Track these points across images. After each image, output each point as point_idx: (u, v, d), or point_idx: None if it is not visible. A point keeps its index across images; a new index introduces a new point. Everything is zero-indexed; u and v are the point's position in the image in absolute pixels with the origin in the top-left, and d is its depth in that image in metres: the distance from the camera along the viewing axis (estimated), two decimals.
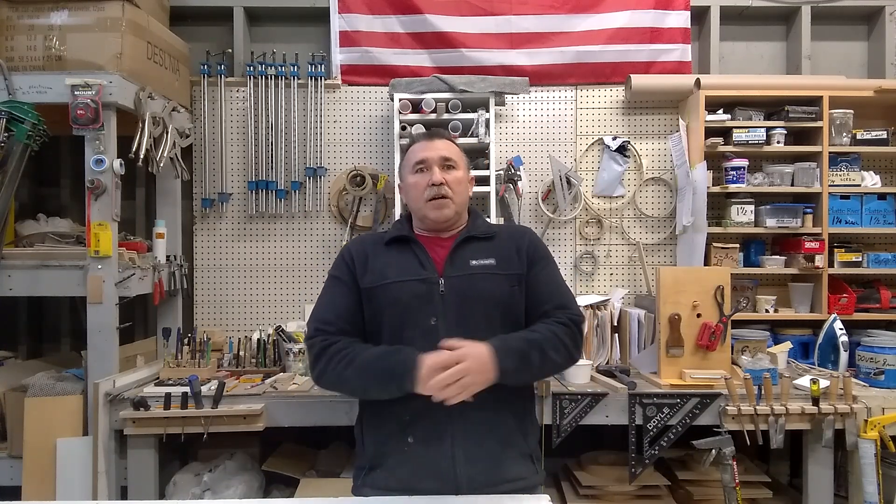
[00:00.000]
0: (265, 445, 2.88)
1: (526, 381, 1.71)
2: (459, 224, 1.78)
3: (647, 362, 2.71)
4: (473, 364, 1.49)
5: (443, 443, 1.60)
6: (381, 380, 1.55)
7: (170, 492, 2.54)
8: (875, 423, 2.36)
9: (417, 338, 1.61)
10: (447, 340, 1.53)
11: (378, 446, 1.67)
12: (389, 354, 1.57)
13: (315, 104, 3.23)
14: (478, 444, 1.61)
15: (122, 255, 2.61)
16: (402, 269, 1.69)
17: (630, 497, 2.62)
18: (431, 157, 1.73)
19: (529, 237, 1.80)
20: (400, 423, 1.63)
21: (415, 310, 1.65)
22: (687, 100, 3.18)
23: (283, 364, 2.85)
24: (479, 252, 1.71)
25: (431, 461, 1.60)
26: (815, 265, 2.96)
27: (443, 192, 1.70)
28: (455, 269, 1.68)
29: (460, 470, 1.60)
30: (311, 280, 3.28)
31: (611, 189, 3.29)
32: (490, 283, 1.68)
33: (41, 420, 2.45)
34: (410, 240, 1.74)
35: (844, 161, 3.08)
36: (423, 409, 1.56)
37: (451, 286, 1.66)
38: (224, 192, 3.22)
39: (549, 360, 1.61)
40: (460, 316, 1.63)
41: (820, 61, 3.37)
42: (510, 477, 1.64)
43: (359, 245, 1.79)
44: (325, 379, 1.63)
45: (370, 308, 1.69)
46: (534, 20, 3.26)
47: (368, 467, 1.68)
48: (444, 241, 1.75)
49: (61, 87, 2.46)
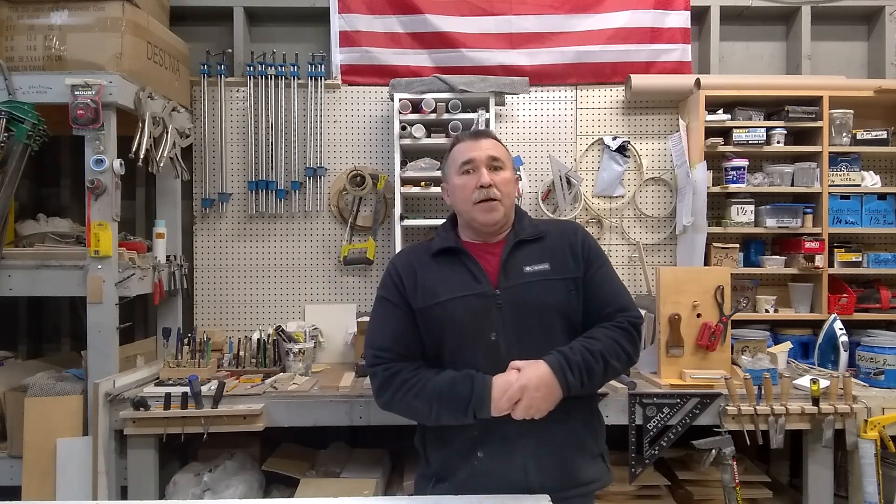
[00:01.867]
0: (265, 445, 2.87)
1: (590, 391, 1.68)
2: (507, 226, 1.72)
3: (647, 362, 2.71)
4: (539, 391, 1.49)
5: (513, 455, 1.59)
6: (454, 409, 1.53)
7: (170, 492, 2.54)
8: (875, 423, 2.36)
9: (480, 355, 1.59)
10: (515, 362, 1.54)
11: (445, 461, 1.64)
12: (460, 383, 1.54)
13: (315, 104, 3.23)
14: (549, 454, 1.59)
15: (122, 255, 2.61)
16: (455, 284, 1.63)
17: (630, 497, 2.62)
18: (479, 157, 1.67)
19: (582, 235, 1.74)
20: (468, 439, 1.60)
21: (473, 327, 1.60)
22: (687, 100, 3.18)
23: (283, 364, 2.85)
24: (532, 257, 1.66)
25: (503, 474, 1.58)
26: (815, 265, 2.96)
27: (492, 195, 1.64)
28: (510, 279, 1.63)
29: (533, 479, 1.58)
30: (311, 280, 3.28)
31: (611, 189, 3.29)
32: (547, 290, 1.63)
33: (41, 420, 2.45)
34: (459, 251, 1.68)
35: (844, 161, 3.08)
36: (492, 425, 1.55)
37: (508, 298, 1.61)
38: (224, 192, 3.22)
39: (610, 368, 1.60)
40: (520, 328, 1.60)
41: (820, 61, 3.38)
42: (584, 480, 1.63)
43: (405, 260, 1.72)
44: (393, 408, 1.62)
45: (426, 328, 1.65)
46: (534, 20, 3.25)
47: (435, 479, 1.66)
48: (493, 247, 1.69)
49: (61, 87, 2.46)
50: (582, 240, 1.71)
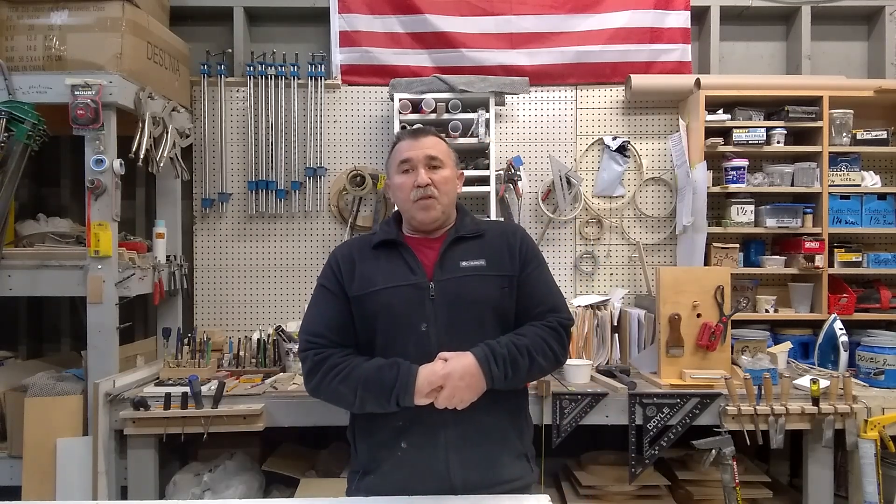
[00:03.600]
0: (265, 445, 2.87)
1: (515, 386, 1.68)
2: (448, 223, 1.75)
3: (647, 362, 2.71)
4: (462, 381, 1.50)
5: (437, 447, 1.59)
6: (378, 395, 1.54)
7: (170, 492, 2.54)
8: (875, 423, 2.36)
9: (410, 345, 1.60)
10: (443, 353, 1.55)
11: (371, 452, 1.65)
12: (385, 370, 1.55)
13: (315, 104, 3.23)
14: (473, 447, 1.60)
15: (122, 255, 2.61)
16: (391, 274, 1.66)
17: (630, 497, 2.62)
18: (416, 156, 1.69)
19: (521, 236, 1.76)
20: (393, 429, 1.61)
21: (406, 316, 1.62)
22: (687, 100, 3.18)
23: (283, 364, 2.86)
24: (469, 253, 1.69)
25: (425, 465, 1.59)
26: (815, 265, 2.96)
27: (429, 193, 1.67)
28: (445, 272, 1.65)
29: (455, 473, 1.59)
30: (311, 280, 3.28)
31: (611, 189, 3.29)
32: (480, 285, 1.65)
33: (41, 420, 2.45)
34: (398, 243, 1.71)
35: (844, 161, 3.08)
36: (416, 415, 1.56)
37: (442, 290, 1.63)
38: (224, 192, 3.22)
39: (536, 365, 1.61)
40: (451, 321, 1.62)
41: (820, 61, 3.38)
42: (505, 478, 1.63)
43: (346, 251, 1.75)
44: (320, 393, 1.63)
45: (360, 316, 1.66)
46: (534, 20, 3.26)
47: (362, 472, 1.67)
48: (432, 242, 1.72)
49: (61, 87, 2.46)
50: (521, 240, 1.74)
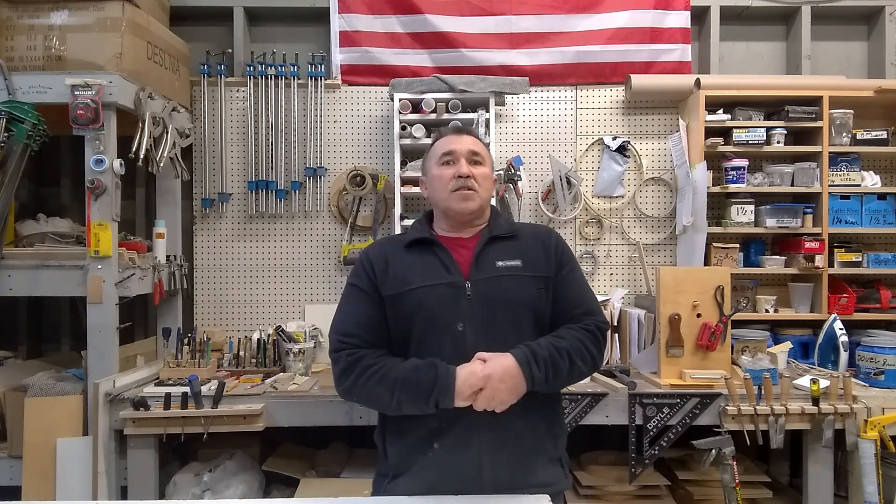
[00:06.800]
0: (265, 445, 2.88)
1: (554, 390, 1.66)
2: (481, 221, 1.73)
3: (647, 362, 2.71)
4: (503, 382, 1.48)
5: (469, 449, 1.57)
6: (417, 397, 1.50)
7: (170, 492, 2.54)
8: (875, 423, 2.36)
9: (445, 345, 1.57)
10: (481, 353, 1.52)
11: (403, 455, 1.62)
12: (423, 371, 1.51)
13: (315, 104, 3.23)
14: (506, 450, 1.58)
15: (122, 255, 2.61)
16: (426, 273, 1.63)
17: (630, 497, 2.62)
18: (459, 149, 1.69)
19: (556, 238, 1.75)
20: (427, 431, 1.58)
21: (441, 315, 1.59)
22: (687, 100, 3.18)
23: (283, 364, 2.86)
24: (505, 252, 1.67)
25: (456, 466, 1.57)
26: (815, 265, 2.96)
27: (469, 185, 1.66)
28: (481, 271, 1.63)
29: (486, 475, 1.56)
30: (311, 280, 3.28)
31: (611, 189, 3.29)
32: (517, 285, 1.63)
33: (41, 420, 2.45)
34: (432, 241, 1.68)
35: (844, 161, 3.08)
36: (452, 416, 1.54)
37: (478, 290, 1.60)
38: (224, 192, 3.22)
39: (576, 368, 1.58)
40: (487, 320, 1.59)
41: (820, 61, 3.38)
42: (537, 483, 1.61)
43: (378, 250, 1.72)
44: (353, 395, 1.59)
45: (395, 316, 1.63)
46: (534, 20, 3.25)
47: (392, 475, 1.64)
48: (466, 241, 1.70)
49: (61, 87, 2.46)
50: (556, 242, 1.73)
